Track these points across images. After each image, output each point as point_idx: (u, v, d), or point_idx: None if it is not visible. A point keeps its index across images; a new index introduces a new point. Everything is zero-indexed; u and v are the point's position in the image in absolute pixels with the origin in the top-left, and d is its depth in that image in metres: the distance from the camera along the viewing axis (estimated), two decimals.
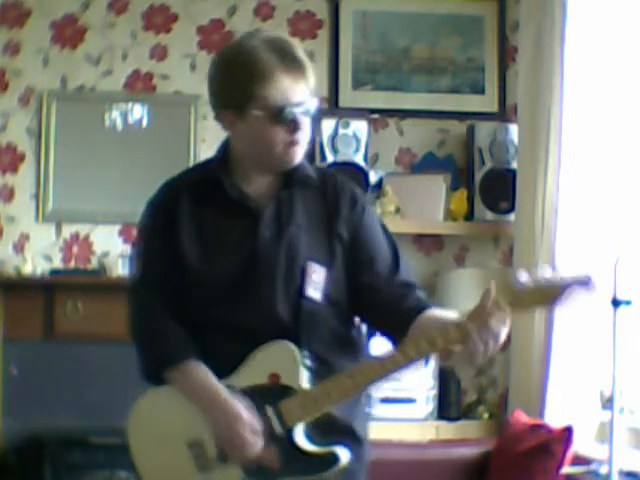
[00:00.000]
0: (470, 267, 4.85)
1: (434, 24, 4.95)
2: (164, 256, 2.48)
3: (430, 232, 4.80)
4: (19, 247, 4.75)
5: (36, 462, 4.43)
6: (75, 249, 4.78)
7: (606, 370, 3.68)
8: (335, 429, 2.42)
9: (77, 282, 4.64)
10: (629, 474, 3.51)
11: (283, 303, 2.41)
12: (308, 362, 2.38)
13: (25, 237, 4.76)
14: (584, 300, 2.24)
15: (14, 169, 4.78)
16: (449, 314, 2.35)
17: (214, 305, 2.44)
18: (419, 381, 4.51)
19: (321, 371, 2.38)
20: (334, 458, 2.38)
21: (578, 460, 3.71)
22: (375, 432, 4.32)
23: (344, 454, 2.40)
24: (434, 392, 4.54)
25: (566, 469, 3.67)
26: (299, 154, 2.44)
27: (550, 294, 2.19)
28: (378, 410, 4.45)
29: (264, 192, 2.48)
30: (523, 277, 2.20)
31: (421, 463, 4.10)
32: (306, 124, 2.42)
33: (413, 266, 4.81)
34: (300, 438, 2.38)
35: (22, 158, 4.78)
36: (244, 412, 2.37)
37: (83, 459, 4.43)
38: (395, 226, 4.63)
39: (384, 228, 2.55)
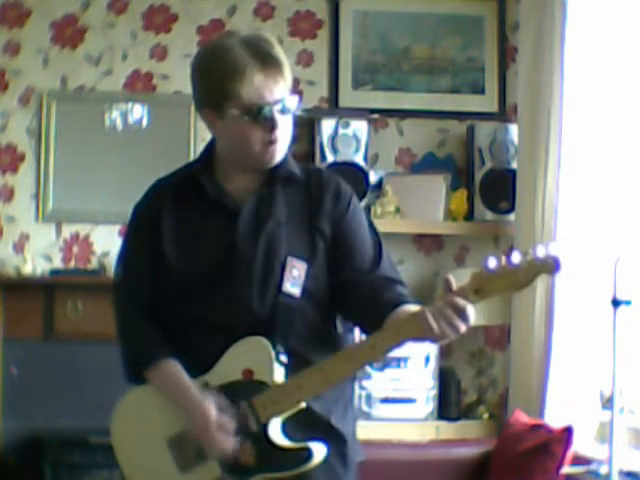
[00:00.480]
0: (470, 267, 4.84)
1: (434, 24, 4.95)
2: (144, 258, 2.51)
3: (430, 232, 4.80)
4: (19, 247, 4.75)
5: (36, 462, 4.43)
6: (75, 249, 4.78)
7: (606, 370, 3.68)
8: (314, 425, 2.42)
9: (77, 282, 4.65)
10: (629, 474, 3.51)
11: (260, 299, 2.41)
12: (283, 357, 2.38)
13: (25, 237, 4.76)
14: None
15: (14, 169, 4.78)
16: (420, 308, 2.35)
17: (193, 302, 2.45)
18: (419, 381, 4.51)
19: (298, 367, 2.38)
20: (308, 454, 2.37)
21: (578, 460, 3.71)
22: (375, 432, 4.36)
23: (319, 450, 2.39)
24: (434, 392, 4.54)
25: (566, 469, 3.67)
26: (278, 153, 2.44)
27: (519, 279, 2.19)
28: (378, 410, 4.45)
29: (246, 190, 2.48)
30: (492, 263, 2.21)
31: (421, 463, 4.10)
32: (284, 122, 2.41)
33: (413, 266, 4.88)
34: (275, 433, 2.38)
35: (22, 158, 4.78)
36: (213, 411, 2.37)
37: (83, 459, 4.43)
38: (395, 226, 4.68)
39: (370, 224, 2.55)
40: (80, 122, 4.79)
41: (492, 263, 2.21)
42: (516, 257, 2.19)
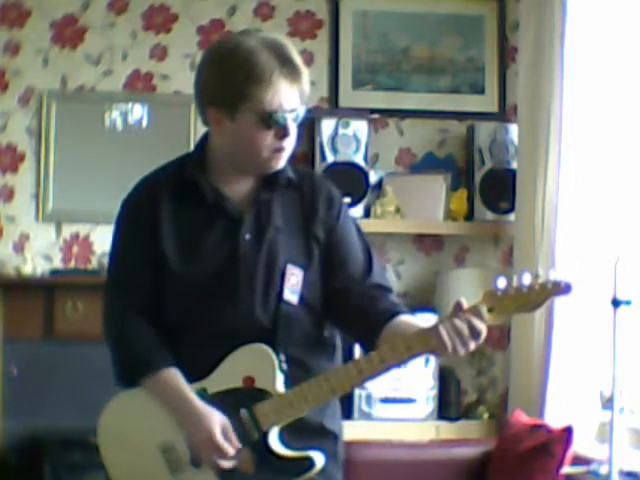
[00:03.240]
0: (470, 267, 4.85)
1: (434, 24, 4.95)
2: (141, 257, 2.46)
3: (430, 232, 4.80)
4: (19, 247, 4.75)
5: (36, 462, 4.43)
6: (75, 249, 4.78)
7: (606, 370, 3.68)
8: (307, 430, 2.41)
9: (77, 282, 4.64)
10: (629, 474, 3.51)
11: (261, 306, 2.40)
12: (285, 366, 2.37)
13: (25, 237, 4.76)
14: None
15: (14, 169, 4.78)
16: (420, 321, 2.36)
17: (192, 307, 2.43)
18: (419, 381, 4.51)
19: (296, 374, 2.37)
20: (310, 463, 2.37)
21: (578, 460, 3.71)
22: (375, 432, 4.36)
23: (319, 458, 2.38)
24: (434, 392, 4.54)
25: (566, 469, 3.67)
26: (284, 160, 2.43)
27: (530, 300, 2.20)
28: (378, 410, 4.45)
29: (243, 194, 2.46)
30: (503, 283, 2.20)
31: (421, 463, 4.10)
32: (294, 131, 2.40)
33: (413, 266, 4.88)
34: (275, 442, 2.36)
35: (22, 158, 4.78)
36: (218, 427, 2.35)
37: (83, 459, 4.42)
38: (395, 226, 4.69)
39: (358, 230, 2.54)
40: (80, 122, 4.79)
41: (503, 283, 2.21)
42: (527, 278, 2.19)
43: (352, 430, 4.32)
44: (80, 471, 4.43)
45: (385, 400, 4.46)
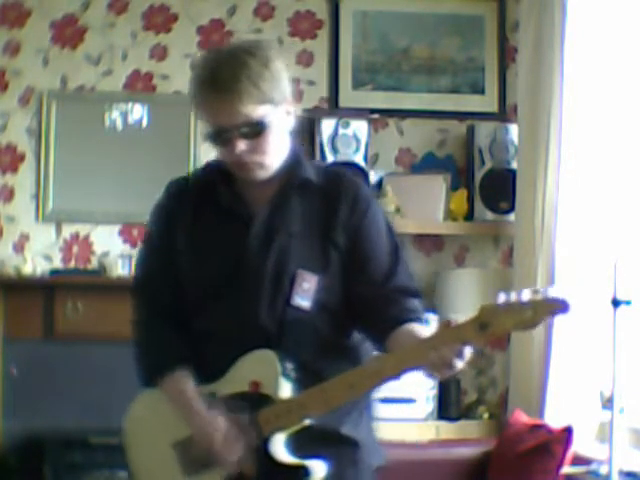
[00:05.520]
0: (470, 267, 4.85)
1: (434, 24, 4.95)
2: (162, 259, 2.49)
3: (430, 232, 4.80)
4: (19, 247, 4.75)
5: (36, 462, 4.43)
6: (75, 249, 4.78)
7: (606, 370, 3.68)
8: (322, 439, 2.38)
9: (77, 282, 4.64)
10: (629, 474, 3.51)
11: (268, 312, 2.39)
12: (291, 372, 2.35)
13: (25, 237, 4.76)
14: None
15: (14, 169, 4.78)
16: (423, 330, 2.31)
17: (202, 310, 2.44)
18: (419, 381, 4.51)
19: (310, 381, 2.33)
20: (305, 472, 2.35)
21: (578, 460, 3.71)
22: None
23: (319, 468, 2.36)
24: (434, 392, 4.53)
25: (566, 469, 3.67)
26: (255, 171, 2.39)
27: (527, 318, 2.14)
28: (378, 410, 4.44)
29: (261, 197, 2.44)
30: (501, 298, 2.17)
31: (421, 463, 4.10)
32: (251, 143, 2.34)
33: (413, 266, 4.86)
34: (278, 448, 2.35)
35: (22, 158, 4.78)
36: (221, 424, 2.35)
37: (83, 459, 4.43)
38: (395, 226, 4.67)
39: (389, 230, 2.49)
40: (80, 122, 4.79)
41: (501, 298, 2.17)
42: (526, 294, 2.15)
43: None
44: (80, 471, 4.43)
45: (385, 400, 4.42)
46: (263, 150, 2.37)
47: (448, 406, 4.61)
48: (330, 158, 4.60)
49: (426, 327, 2.34)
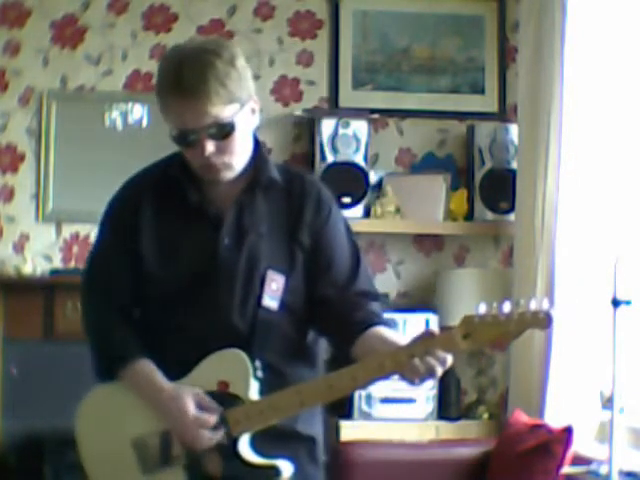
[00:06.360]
0: (470, 267, 4.85)
1: (434, 24, 4.95)
2: (120, 258, 2.47)
3: (430, 232, 4.80)
4: (19, 247, 4.75)
5: (36, 462, 4.42)
6: (75, 249, 4.78)
7: (606, 370, 3.68)
8: (280, 437, 2.38)
9: (77, 282, 4.60)
10: (629, 474, 3.51)
11: (239, 312, 2.38)
12: (259, 373, 2.34)
13: (25, 237, 4.76)
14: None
15: (14, 169, 4.78)
16: (394, 335, 2.31)
17: (169, 308, 2.42)
18: None
19: (273, 381, 2.34)
20: (276, 472, 2.35)
21: (578, 460, 3.71)
22: (375, 432, 4.36)
23: (287, 468, 2.37)
24: (434, 392, 4.53)
25: (566, 469, 3.67)
26: (221, 172, 2.37)
27: (509, 330, 2.13)
28: (378, 410, 4.45)
29: (227, 196, 2.42)
30: (482, 309, 2.16)
31: (421, 463, 4.10)
32: (220, 144, 2.33)
33: (413, 266, 4.88)
34: (244, 448, 2.35)
35: (22, 158, 4.78)
36: (191, 405, 2.33)
37: None
38: (395, 226, 4.69)
39: (349, 234, 2.49)
40: (80, 122, 4.79)
41: (482, 309, 2.16)
42: (507, 307, 2.14)
43: (352, 430, 4.36)
44: (80, 471, 4.41)
45: (385, 400, 4.45)
46: (231, 150, 2.35)
47: (448, 406, 4.61)
48: (330, 158, 4.60)
49: (393, 331, 2.35)
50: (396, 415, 4.46)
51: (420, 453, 4.19)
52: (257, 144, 2.47)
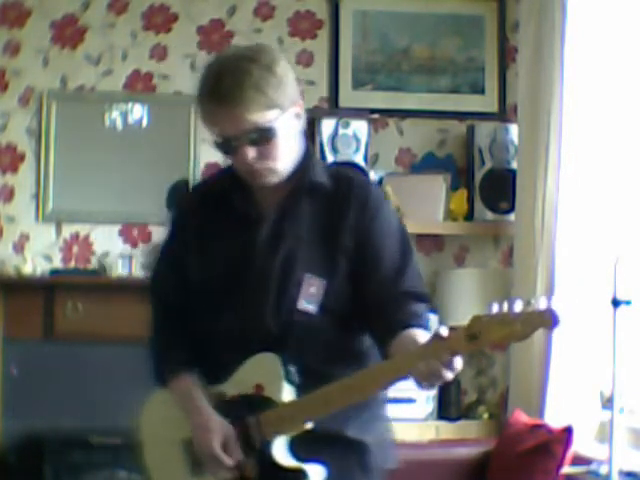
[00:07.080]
0: (470, 267, 4.85)
1: (434, 24, 4.95)
2: (173, 261, 2.52)
3: (430, 232, 4.80)
4: (19, 247, 4.75)
5: (36, 462, 4.43)
6: (75, 249, 4.78)
7: (606, 370, 3.68)
8: (326, 441, 2.37)
9: (77, 282, 4.65)
10: (629, 474, 3.51)
11: (273, 315, 2.38)
12: (294, 376, 2.34)
13: (25, 237, 4.76)
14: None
15: (14, 169, 4.78)
16: (424, 338, 2.27)
17: (210, 312, 2.44)
18: None
19: (315, 385, 2.32)
20: (302, 476, 2.35)
21: (578, 460, 3.71)
22: None
23: (317, 472, 2.36)
24: (434, 392, 4.53)
25: (566, 469, 3.67)
26: (265, 177, 2.38)
27: (517, 330, 2.10)
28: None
29: (271, 199, 2.43)
30: (494, 309, 2.13)
31: (421, 463, 4.09)
32: (260, 150, 2.33)
33: None
34: (278, 451, 2.35)
35: (22, 158, 4.78)
36: (216, 431, 2.36)
37: (83, 459, 4.43)
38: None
39: (401, 234, 2.46)
40: (80, 122, 4.80)
41: (494, 308, 2.13)
42: (518, 305, 2.11)
43: None
44: (80, 471, 4.43)
45: None
46: (273, 156, 2.35)
47: (448, 406, 4.61)
48: (330, 158, 4.60)
49: (427, 334, 2.31)
50: (396, 415, 4.43)
51: (420, 453, 4.19)
52: (307, 147, 2.48)
